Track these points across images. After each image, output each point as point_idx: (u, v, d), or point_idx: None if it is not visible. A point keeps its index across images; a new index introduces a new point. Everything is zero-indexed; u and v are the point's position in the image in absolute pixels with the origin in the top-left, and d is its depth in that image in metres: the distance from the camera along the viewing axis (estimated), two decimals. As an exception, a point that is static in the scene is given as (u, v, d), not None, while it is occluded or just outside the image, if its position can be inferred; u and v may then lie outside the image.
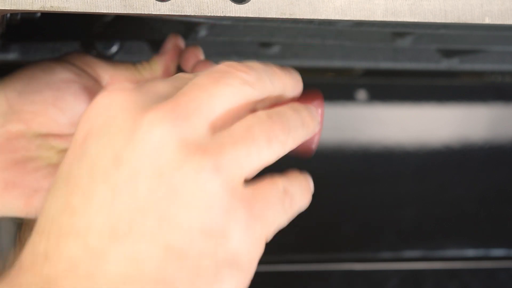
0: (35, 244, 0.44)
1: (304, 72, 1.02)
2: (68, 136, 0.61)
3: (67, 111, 0.60)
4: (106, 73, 0.63)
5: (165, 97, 0.46)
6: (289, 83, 0.51)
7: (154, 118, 0.44)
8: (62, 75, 0.61)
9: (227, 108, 0.46)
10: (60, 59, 0.63)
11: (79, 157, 0.45)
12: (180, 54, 0.65)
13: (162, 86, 0.47)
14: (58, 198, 0.45)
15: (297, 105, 0.50)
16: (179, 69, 0.64)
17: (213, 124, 0.45)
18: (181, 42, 0.65)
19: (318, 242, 0.97)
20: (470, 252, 0.99)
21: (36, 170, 0.60)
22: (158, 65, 0.64)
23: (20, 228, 0.51)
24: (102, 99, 0.46)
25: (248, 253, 0.45)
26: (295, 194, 0.48)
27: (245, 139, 0.45)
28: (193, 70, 0.63)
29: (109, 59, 0.66)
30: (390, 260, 0.97)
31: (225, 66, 0.47)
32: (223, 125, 0.45)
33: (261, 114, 0.46)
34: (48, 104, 0.60)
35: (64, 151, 0.61)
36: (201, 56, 0.64)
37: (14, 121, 0.59)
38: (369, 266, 0.96)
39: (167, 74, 0.64)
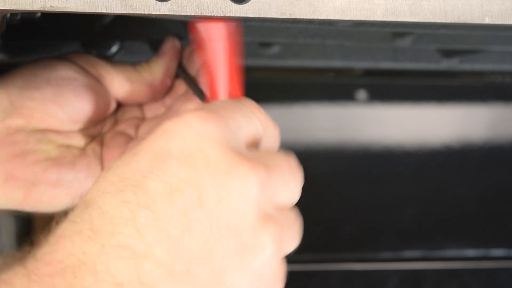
0: (85, 248, 0.43)
1: (304, 72, 1.03)
2: (68, 132, 0.61)
3: (66, 108, 0.61)
4: (106, 72, 0.63)
5: (248, 138, 0.48)
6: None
7: (250, 171, 0.45)
8: (62, 72, 0.61)
9: (287, 201, 0.50)
10: (61, 57, 0.63)
11: (159, 172, 0.44)
12: (185, 53, 0.65)
13: (242, 121, 0.48)
14: (124, 205, 0.43)
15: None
16: (179, 68, 0.64)
17: (277, 206, 0.48)
18: (178, 44, 0.65)
19: (318, 242, 0.97)
20: (470, 252, 0.99)
21: (35, 163, 0.60)
22: (157, 66, 0.64)
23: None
24: (191, 120, 0.45)
25: None
26: (288, 242, 0.50)
27: (294, 231, 0.50)
28: (198, 74, 0.63)
29: (109, 59, 0.66)
30: (390, 260, 0.97)
31: (295, 162, 0.51)
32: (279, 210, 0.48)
33: (298, 217, 0.52)
34: (48, 100, 0.60)
35: (63, 145, 0.61)
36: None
37: (14, 116, 0.60)
38: (369, 266, 0.96)
39: (166, 76, 0.64)
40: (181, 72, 0.64)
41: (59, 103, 0.60)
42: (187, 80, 0.63)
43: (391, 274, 0.97)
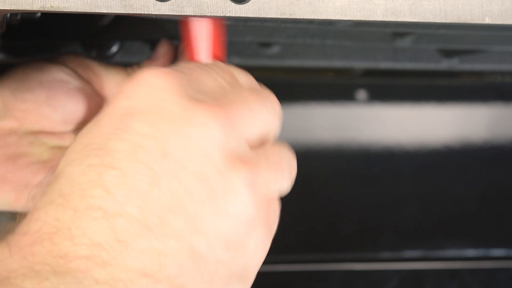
0: (59, 215, 0.43)
1: (304, 72, 1.02)
2: (60, 133, 0.62)
3: (59, 110, 0.61)
4: (97, 76, 0.63)
5: (210, 93, 0.47)
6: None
7: (207, 116, 0.45)
8: (55, 74, 0.62)
9: (261, 132, 0.48)
10: (54, 59, 0.63)
11: (120, 132, 0.44)
12: (179, 49, 0.65)
13: (206, 78, 0.48)
14: (90, 169, 0.44)
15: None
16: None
17: (249, 140, 0.47)
18: (173, 48, 0.65)
19: (318, 242, 0.97)
20: (470, 252, 0.99)
21: (27, 165, 0.60)
22: None
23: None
24: (148, 77, 0.46)
25: (256, 265, 0.46)
26: (271, 181, 0.49)
27: (277, 168, 0.47)
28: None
29: (103, 61, 0.66)
30: (390, 260, 0.97)
31: (267, 91, 0.50)
32: (254, 145, 0.47)
33: (287, 152, 0.49)
34: (41, 102, 0.60)
35: (56, 147, 0.62)
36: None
37: (7, 118, 0.60)
38: (369, 266, 0.96)
39: None
40: None
41: (52, 105, 0.60)
42: None
43: (391, 274, 0.97)
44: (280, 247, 0.93)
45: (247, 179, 0.45)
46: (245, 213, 0.45)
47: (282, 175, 0.48)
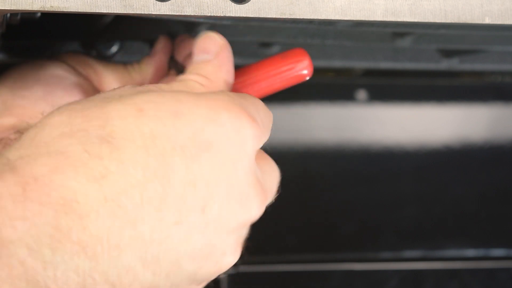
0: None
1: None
2: None
3: (57, 105, 0.61)
4: (95, 72, 0.63)
5: None
6: None
7: (255, 211, 0.51)
8: (52, 71, 0.61)
9: None
10: (52, 57, 0.63)
11: (185, 145, 0.47)
12: (176, 41, 0.65)
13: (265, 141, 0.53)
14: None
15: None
16: (171, 60, 0.64)
17: None
18: (171, 44, 0.65)
19: (318, 242, 0.97)
20: (470, 252, 0.99)
21: None
22: (148, 66, 0.64)
23: None
24: (246, 126, 0.50)
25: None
26: None
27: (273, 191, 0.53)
28: (186, 61, 0.63)
29: (102, 59, 0.66)
30: (390, 260, 0.97)
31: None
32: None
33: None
34: (38, 98, 0.60)
35: None
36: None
37: (5, 116, 0.60)
38: (369, 266, 0.96)
39: (157, 76, 0.64)
40: (173, 65, 0.64)
41: (49, 101, 0.60)
42: (178, 69, 0.63)
43: (391, 274, 0.96)
44: (280, 247, 0.93)
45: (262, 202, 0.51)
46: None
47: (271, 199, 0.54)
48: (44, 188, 0.44)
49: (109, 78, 0.63)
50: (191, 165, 0.47)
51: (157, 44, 0.65)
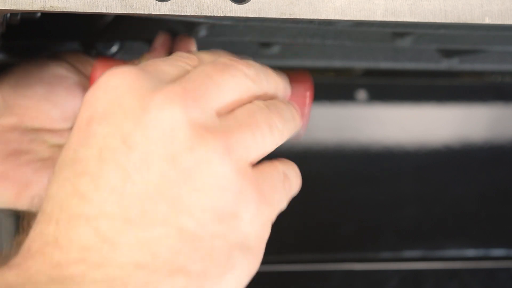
0: (43, 229, 0.43)
1: (304, 72, 1.02)
2: (61, 131, 0.62)
3: (59, 106, 0.61)
4: None
5: (171, 80, 0.46)
6: (280, 84, 0.52)
7: (164, 100, 0.44)
8: (54, 70, 0.62)
9: (231, 99, 0.47)
10: (53, 56, 0.63)
11: (85, 140, 0.44)
12: (173, 43, 0.65)
13: (166, 67, 0.47)
14: (65, 182, 0.44)
15: (286, 100, 0.51)
16: None
17: (219, 111, 0.46)
18: (170, 41, 0.65)
19: (318, 242, 0.97)
20: (470, 252, 0.99)
21: (28, 163, 0.60)
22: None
23: (22, 218, 0.50)
24: (105, 80, 0.45)
25: (258, 235, 0.45)
26: (292, 178, 0.49)
27: (250, 124, 0.46)
28: None
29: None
30: (390, 260, 0.97)
31: (227, 59, 0.48)
32: (227, 113, 0.46)
33: (259, 103, 0.48)
34: (41, 98, 0.60)
35: (56, 146, 0.62)
36: (193, 48, 0.65)
37: (7, 115, 0.60)
38: (369, 266, 0.96)
39: None
40: None
41: (51, 100, 0.60)
42: None
43: (391, 274, 0.97)
44: (280, 247, 0.93)
45: (217, 147, 0.44)
46: (227, 181, 0.44)
47: (260, 132, 0.46)
48: None
49: None
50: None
51: (156, 40, 0.65)
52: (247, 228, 0.45)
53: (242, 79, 0.48)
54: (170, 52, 0.65)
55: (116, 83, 0.45)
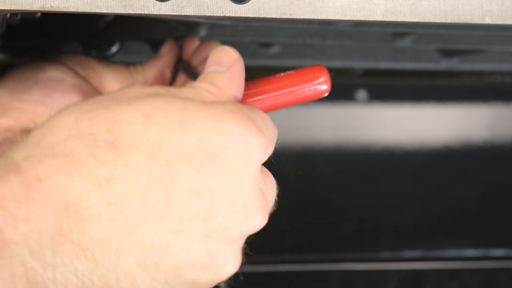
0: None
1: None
2: None
3: (55, 108, 0.61)
4: (95, 73, 0.63)
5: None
6: None
7: (257, 223, 0.50)
8: (50, 73, 0.61)
9: None
10: (51, 58, 0.63)
11: (191, 154, 0.47)
12: (188, 43, 0.65)
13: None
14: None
15: None
16: (179, 62, 0.64)
17: None
18: (177, 48, 0.65)
19: (318, 242, 0.97)
20: (470, 252, 0.99)
21: None
22: (152, 69, 0.64)
23: None
24: (252, 137, 0.50)
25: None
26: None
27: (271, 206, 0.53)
28: (193, 57, 0.63)
29: (104, 59, 0.66)
30: (390, 260, 0.97)
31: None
32: None
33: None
34: (36, 101, 0.60)
35: None
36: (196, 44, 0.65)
37: (4, 117, 0.60)
38: (369, 266, 0.96)
39: (160, 79, 0.64)
40: (182, 66, 0.64)
41: (47, 104, 0.60)
42: (187, 70, 0.63)
43: (391, 274, 0.97)
44: (280, 247, 0.93)
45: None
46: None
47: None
48: (48, 190, 0.44)
49: (110, 79, 0.63)
50: (196, 174, 0.47)
51: (164, 47, 0.65)
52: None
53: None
54: (176, 58, 0.65)
55: (253, 148, 0.50)
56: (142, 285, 0.46)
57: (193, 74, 0.61)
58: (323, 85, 0.56)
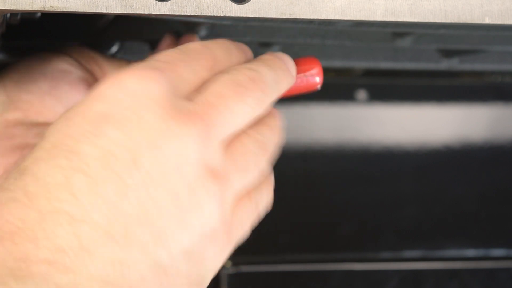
0: (23, 213, 0.42)
1: (304, 72, 1.02)
2: None
3: (63, 100, 0.61)
4: (99, 67, 0.63)
5: (189, 92, 0.47)
6: (288, 81, 0.52)
7: (184, 128, 0.44)
8: (57, 65, 0.61)
9: (237, 128, 0.48)
10: (58, 50, 0.63)
11: (92, 137, 0.44)
12: (180, 43, 0.65)
13: (185, 73, 0.47)
14: (57, 169, 0.43)
15: (272, 62, 0.51)
16: None
17: (224, 142, 0.47)
18: (176, 44, 0.65)
19: (318, 242, 0.97)
20: (470, 252, 0.99)
21: None
22: None
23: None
24: (127, 81, 0.45)
25: (212, 274, 0.47)
26: (262, 204, 0.50)
27: (244, 169, 0.48)
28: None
29: (107, 55, 0.66)
30: (390, 260, 0.97)
31: (248, 80, 0.48)
32: (228, 142, 0.47)
33: (257, 141, 0.49)
34: (44, 93, 0.60)
35: None
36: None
37: (11, 110, 0.60)
38: (369, 266, 0.96)
39: None
40: None
41: (55, 95, 0.60)
42: None
43: (391, 274, 0.96)
44: (280, 247, 0.93)
45: (216, 195, 0.45)
46: (210, 227, 0.45)
47: (250, 174, 0.48)
48: None
49: (111, 73, 0.63)
50: (97, 141, 0.44)
51: (162, 42, 0.65)
52: (206, 268, 0.46)
53: (255, 108, 0.49)
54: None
55: (138, 88, 0.45)
56: (133, 262, 0.43)
57: None
58: (316, 77, 0.56)
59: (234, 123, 0.47)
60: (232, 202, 0.46)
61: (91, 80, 0.62)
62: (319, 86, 0.56)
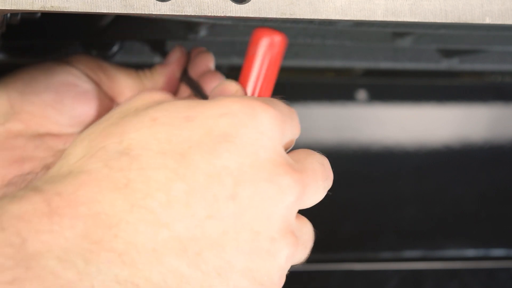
0: (115, 191, 0.45)
1: (304, 72, 1.02)
2: (66, 135, 0.61)
3: (65, 113, 0.60)
4: (107, 77, 0.63)
5: (289, 144, 0.51)
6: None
7: (288, 183, 0.48)
8: (61, 78, 0.61)
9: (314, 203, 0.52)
10: (62, 60, 0.63)
11: (210, 150, 0.46)
12: (190, 56, 0.65)
13: (290, 127, 0.51)
14: (162, 166, 0.45)
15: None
16: (185, 74, 0.64)
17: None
18: (185, 54, 0.65)
19: (318, 242, 0.97)
20: (470, 252, 0.99)
21: (30, 172, 0.60)
22: (160, 75, 0.64)
23: None
24: (262, 114, 0.48)
25: None
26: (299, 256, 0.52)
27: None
28: (201, 79, 0.63)
29: (110, 59, 0.66)
30: (390, 260, 0.97)
31: (328, 167, 0.54)
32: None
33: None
34: (47, 105, 0.60)
35: (61, 151, 0.61)
36: (212, 64, 0.64)
37: (14, 121, 0.60)
38: (369, 266, 0.96)
39: (168, 85, 0.64)
40: (185, 77, 0.64)
41: (58, 108, 0.60)
42: (191, 84, 0.63)
43: (391, 274, 0.96)
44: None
45: (290, 251, 0.48)
46: (272, 280, 0.48)
47: (306, 253, 0.52)
48: (70, 203, 0.44)
49: (121, 83, 0.63)
50: (212, 158, 0.47)
51: (172, 54, 0.65)
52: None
53: (324, 192, 0.53)
54: (184, 67, 0.65)
55: (266, 121, 0.48)
56: (193, 281, 0.45)
57: (196, 88, 0.61)
58: (274, 37, 0.55)
59: (315, 198, 0.51)
60: (291, 264, 0.49)
61: (97, 92, 0.62)
62: (283, 40, 0.55)
